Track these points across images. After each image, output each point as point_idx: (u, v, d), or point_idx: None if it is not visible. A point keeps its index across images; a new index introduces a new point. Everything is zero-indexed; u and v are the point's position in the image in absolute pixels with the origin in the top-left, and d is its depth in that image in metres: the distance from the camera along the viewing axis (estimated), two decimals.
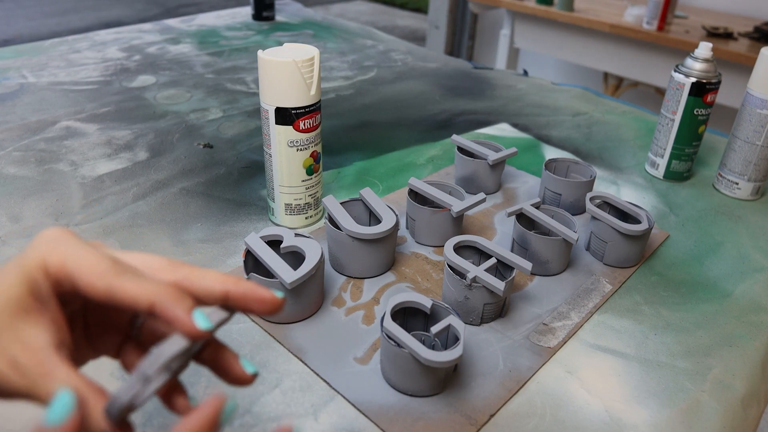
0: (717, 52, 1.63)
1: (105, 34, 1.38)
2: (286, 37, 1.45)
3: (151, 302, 0.26)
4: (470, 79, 1.24)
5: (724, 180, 0.83)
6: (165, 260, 0.29)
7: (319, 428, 0.45)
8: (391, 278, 0.62)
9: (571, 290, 0.62)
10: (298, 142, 0.63)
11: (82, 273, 0.27)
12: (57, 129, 0.90)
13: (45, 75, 1.11)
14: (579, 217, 0.74)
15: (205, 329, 0.26)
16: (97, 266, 0.27)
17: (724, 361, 0.54)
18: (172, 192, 0.76)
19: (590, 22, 2.05)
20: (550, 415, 0.48)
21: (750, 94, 0.78)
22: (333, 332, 0.54)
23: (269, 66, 0.60)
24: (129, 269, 0.27)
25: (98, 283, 0.26)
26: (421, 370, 0.46)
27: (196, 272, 0.29)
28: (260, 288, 0.29)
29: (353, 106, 1.07)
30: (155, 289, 0.27)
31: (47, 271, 0.27)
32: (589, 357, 0.54)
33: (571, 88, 1.20)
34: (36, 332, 0.26)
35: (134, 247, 0.65)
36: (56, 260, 0.27)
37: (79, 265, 0.27)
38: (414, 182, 0.68)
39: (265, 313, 0.29)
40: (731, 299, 0.63)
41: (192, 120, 0.96)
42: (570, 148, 0.95)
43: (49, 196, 0.73)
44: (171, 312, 0.26)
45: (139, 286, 0.26)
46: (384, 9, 5.51)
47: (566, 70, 2.81)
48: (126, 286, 0.26)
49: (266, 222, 0.71)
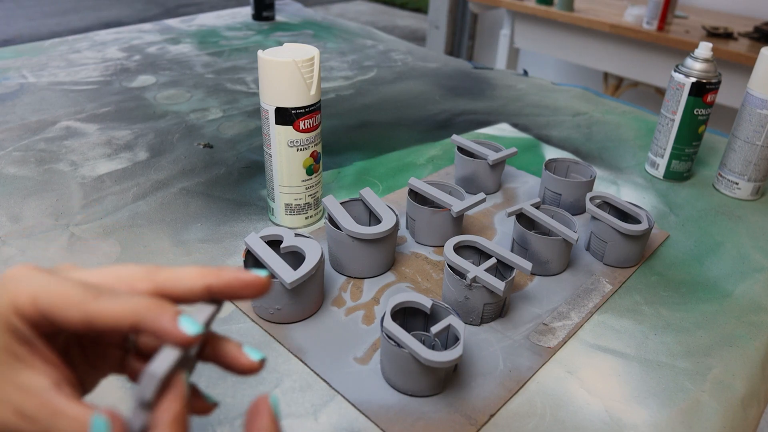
0: (717, 52, 1.63)
1: (105, 34, 1.38)
2: (286, 37, 1.45)
3: (133, 321, 0.25)
4: (470, 79, 1.24)
5: (724, 180, 0.83)
6: (139, 268, 0.28)
7: (319, 428, 0.45)
8: (391, 278, 0.62)
9: (571, 290, 0.62)
10: (298, 142, 0.63)
11: (55, 307, 0.25)
12: (57, 129, 0.90)
13: (45, 75, 1.11)
14: (579, 217, 0.74)
15: (195, 334, 0.25)
16: (70, 296, 0.25)
17: (724, 361, 0.54)
18: (172, 192, 0.76)
19: (590, 22, 2.05)
20: (550, 415, 0.48)
21: (750, 94, 0.78)
22: (333, 332, 0.54)
23: (269, 66, 0.60)
24: (103, 291, 0.26)
25: (74, 313, 0.25)
26: (421, 370, 0.46)
27: (172, 274, 0.27)
28: (242, 273, 0.28)
29: (353, 106, 1.07)
30: (134, 306, 0.25)
31: (21, 314, 0.25)
32: (589, 357, 0.54)
33: (571, 88, 1.20)
34: (32, 376, 0.25)
35: (134, 247, 0.65)
36: (25, 299, 0.25)
37: (50, 300, 0.25)
38: (414, 182, 0.68)
39: (252, 296, 0.28)
40: (731, 299, 0.63)
41: (192, 120, 0.96)
42: (570, 148, 0.95)
43: (49, 196, 0.73)
44: (156, 325, 0.25)
45: (116, 307, 0.25)
46: (384, 9, 5.51)
47: (566, 70, 2.81)
48: (103, 310, 0.25)
49: (266, 222, 0.71)
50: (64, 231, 0.67)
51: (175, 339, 0.25)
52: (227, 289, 0.28)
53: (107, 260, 0.62)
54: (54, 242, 0.65)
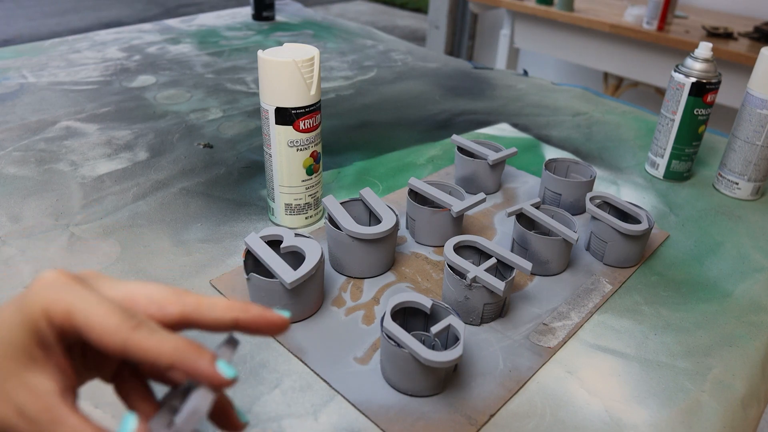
0: (717, 52, 1.63)
1: (105, 34, 1.38)
2: (286, 37, 1.45)
3: (172, 361, 0.26)
4: (470, 79, 1.24)
5: (724, 180, 0.83)
6: (168, 290, 0.29)
7: (319, 428, 0.45)
8: (391, 278, 0.62)
9: (571, 290, 0.62)
10: (298, 142, 0.63)
11: (93, 327, 0.25)
12: (57, 129, 0.90)
13: (45, 75, 1.11)
14: (579, 217, 0.74)
15: (231, 377, 0.26)
16: (109, 321, 0.25)
17: (724, 361, 0.54)
18: (172, 192, 0.76)
19: (590, 22, 2.05)
20: (550, 415, 0.48)
21: (750, 94, 0.78)
22: (333, 332, 0.54)
23: (269, 66, 0.60)
24: (142, 322, 0.26)
25: (113, 339, 0.25)
26: (421, 370, 0.46)
27: (203, 301, 0.28)
28: (267, 311, 0.29)
29: (353, 106, 1.07)
30: (174, 345, 0.26)
31: (51, 320, 0.26)
32: (589, 357, 0.54)
33: (571, 88, 1.20)
34: (42, 380, 0.26)
35: (134, 247, 0.65)
36: (60, 310, 0.25)
37: (87, 320, 0.25)
38: (414, 182, 0.68)
39: (273, 334, 0.29)
40: (731, 299, 0.63)
41: (192, 120, 0.96)
42: (570, 148, 0.95)
43: (49, 196, 0.73)
44: (196, 367, 0.26)
45: (157, 344, 0.26)
46: (384, 9, 5.51)
47: (566, 70, 2.81)
48: (143, 344, 0.25)
49: (266, 222, 0.71)
50: (64, 231, 0.67)
51: (214, 381, 0.26)
52: (252, 326, 0.29)
53: (107, 260, 0.62)
54: (54, 242, 0.65)
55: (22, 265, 0.61)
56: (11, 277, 0.59)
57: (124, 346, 0.25)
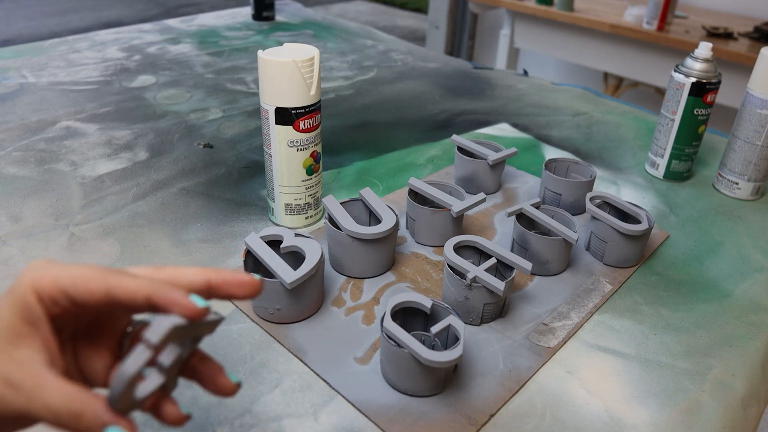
0: (717, 52, 1.63)
1: (105, 34, 1.38)
2: (286, 37, 1.45)
3: (148, 294, 0.28)
4: (470, 79, 1.24)
5: (724, 180, 0.83)
6: (146, 266, 0.31)
7: (319, 428, 0.45)
8: (391, 278, 0.62)
9: (571, 290, 0.62)
10: (298, 142, 0.63)
11: (78, 283, 0.28)
12: (57, 129, 0.90)
13: (45, 75, 1.11)
14: (579, 217, 0.74)
15: (203, 306, 0.28)
16: (91, 273, 0.28)
17: (724, 361, 0.54)
18: (172, 192, 0.76)
19: (590, 22, 2.05)
20: (550, 415, 0.48)
21: (750, 94, 0.78)
22: (333, 332, 0.54)
23: (269, 66, 0.60)
24: (121, 271, 0.29)
25: (96, 286, 0.28)
26: (421, 370, 0.46)
27: (178, 269, 0.31)
28: (238, 273, 0.31)
29: (353, 106, 1.07)
30: (150, 282, 0.28)
31: (39, 294, 0.28)
32: (589, 357, 0.54)
33: (571, 88, 1.20)
34: (29, 353, 0.27)
35: (134, 247, 0.65)
36: (48, 280, 0.28)
37: (72, 278, 0.28)
38: (414, 182, 0.68)
39: (246, 296, 0.31)
40: (731, 299, 0.63)
41: (192, 120, 0.96)
42: (570, 148, 0.95)
43: (49, 196, 0.73)
44: (169, 297, 0.28)
45: (134, 282, 0.28)
46: (384, 9, 5.51)
47: (566, 70, 2.81)
48: (123, 283, 0.28)
49: (266, 222, 0.71)
50: (64, 231, 0.67)
51: (186, 308, 0.28)
52: (224, 285, 0.31)
53: (107, 260, 0.62)
54: (54, 242, 0.65)
55: (22, 265, 0.61)
56: (11, 277, 0.59)
57: (106, 288, 0.28)
